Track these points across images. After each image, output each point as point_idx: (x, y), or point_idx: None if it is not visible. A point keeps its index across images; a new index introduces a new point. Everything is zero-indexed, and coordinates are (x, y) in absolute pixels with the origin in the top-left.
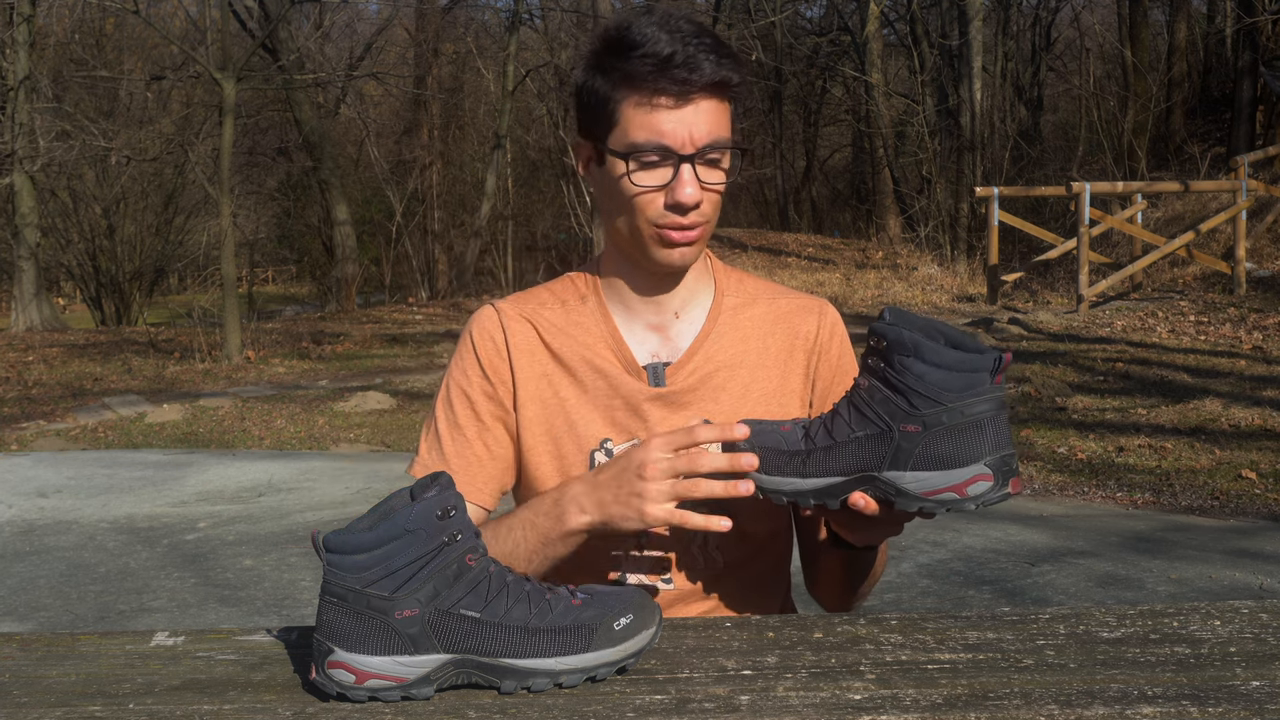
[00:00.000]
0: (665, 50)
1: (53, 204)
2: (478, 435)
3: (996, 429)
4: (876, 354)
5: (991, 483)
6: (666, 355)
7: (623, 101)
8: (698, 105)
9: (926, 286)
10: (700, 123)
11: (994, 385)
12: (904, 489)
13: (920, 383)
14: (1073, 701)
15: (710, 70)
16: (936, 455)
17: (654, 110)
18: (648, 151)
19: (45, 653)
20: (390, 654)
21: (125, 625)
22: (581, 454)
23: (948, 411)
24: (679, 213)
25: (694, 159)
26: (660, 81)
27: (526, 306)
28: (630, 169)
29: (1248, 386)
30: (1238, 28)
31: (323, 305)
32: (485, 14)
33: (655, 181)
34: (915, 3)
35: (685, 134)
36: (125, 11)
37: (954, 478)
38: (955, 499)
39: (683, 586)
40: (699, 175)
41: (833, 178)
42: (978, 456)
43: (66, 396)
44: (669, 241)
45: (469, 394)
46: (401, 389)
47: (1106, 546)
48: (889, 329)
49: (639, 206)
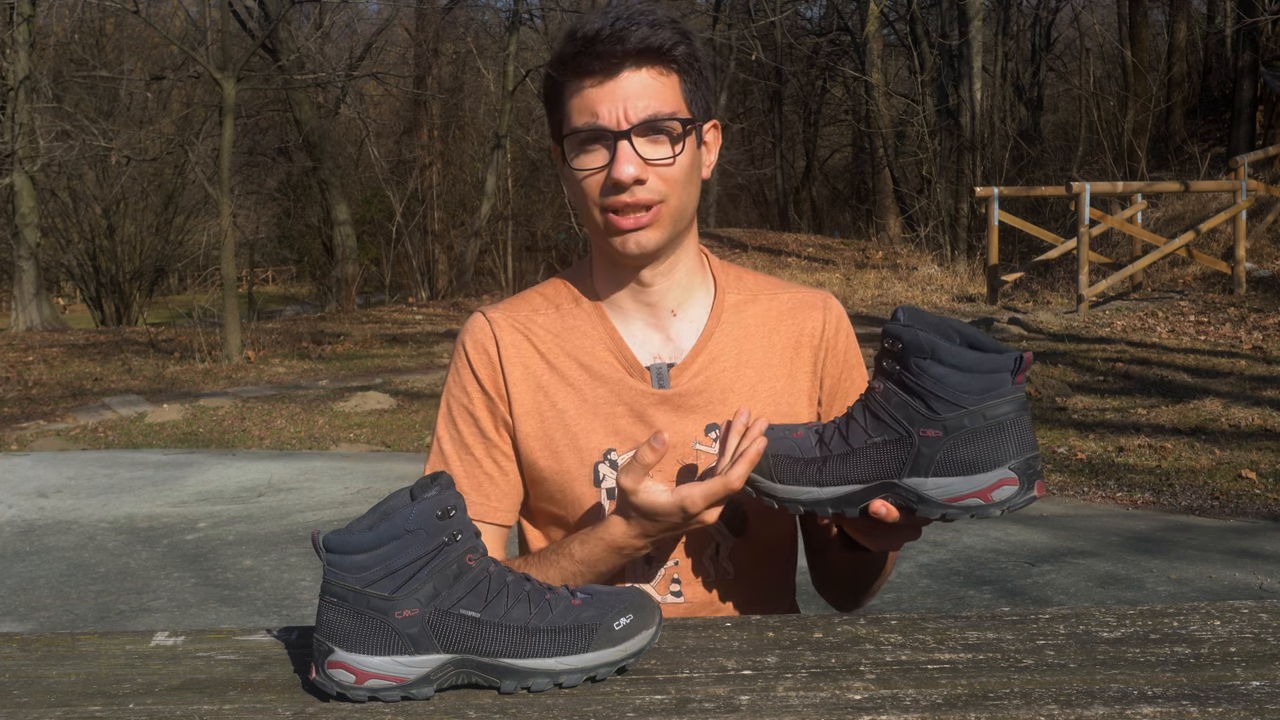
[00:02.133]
0: (593, 28)
1: (53, 204)
2: (486, 453)
3: (1020, 431)
4: (891, 356)
5: (1017, 487)
6: (669, 356)
7: (564, 89)
8: (628, 77)
9: (926, 286)
10: (633, 96)
11: (1015, 386)
12: (926, 496)
13: (939, 385)
14: (1073, 701)
15: (638, 38)
16: (959, 460)
17: (585, 90)
18: (583, 133)
19: (45, 653)
20: (390, 654)
21: (125, 625)
22: (585, 467)
23: (969, 415)
24: (618, 191)
25: (629, 134)
26: (585, 59)
27: (519, 314)
28: (571, 155)
29: (1248, 386)
30: (1238, 28)
31: (323, 305)
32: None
33: (596, 163)
34: (915, 3)
35: (619, 110)
36: (125, 11)
37: (978, 483)
38: (980, 505)
39: (694, 598)
40: (640, 151)
41: (833, 178)
42: (1001, 460)
43: (66, 396)
44: (617, 228)
45: (471, 410)
46: (402, 389)
47: (1106, 546)
48: (904, 330)
49: (586, 192)
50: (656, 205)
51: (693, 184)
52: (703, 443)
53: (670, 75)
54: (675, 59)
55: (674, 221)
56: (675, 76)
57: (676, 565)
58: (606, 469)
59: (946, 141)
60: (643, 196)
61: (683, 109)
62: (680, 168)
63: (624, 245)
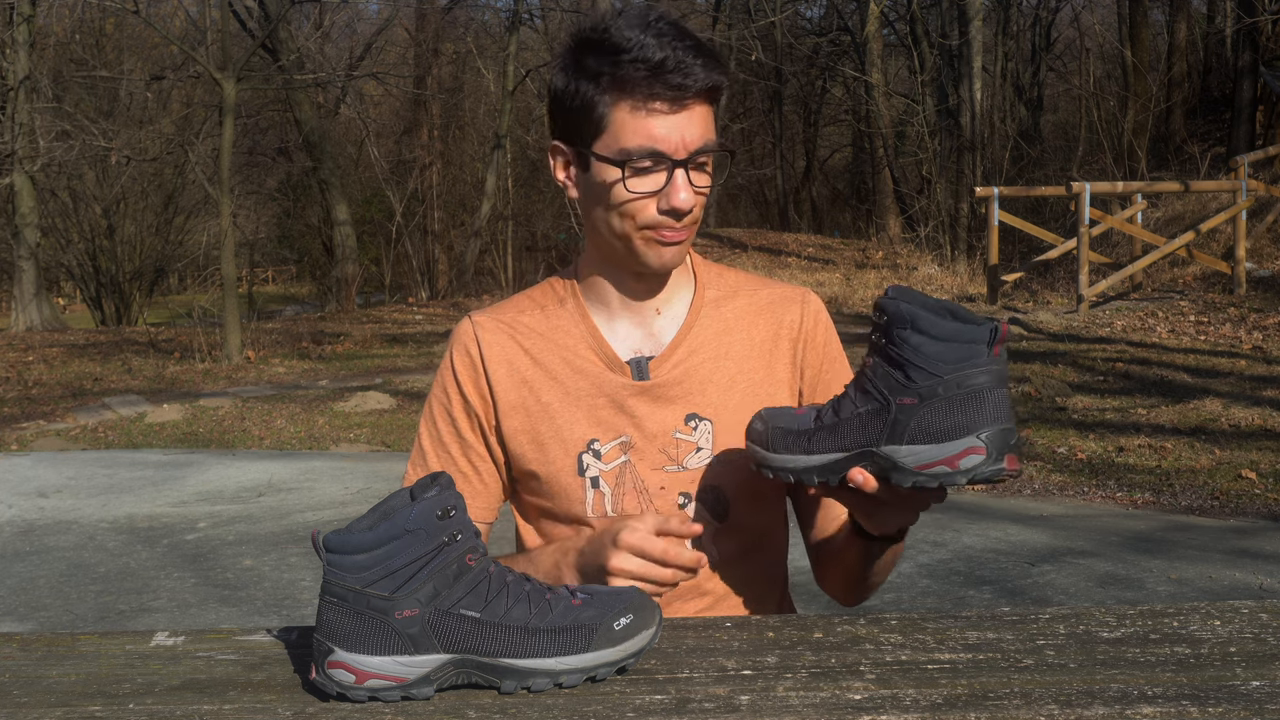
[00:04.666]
0: (656, 56)
1: (53, 204)
2: (461, 452)
3: (995, 402)
4: (879, 329)
5: (984, 456)
6: (649, 350)
7: (612, 106)
8: (691, 111)
9: (926, 286)
10: (693, 128)
11: (992, 357)
12: (899, 462)
13: (916, 354)
14: (1073, 701)
15: (703, 77)
16: (932, 428)
17: (649, 116)
18: (641, 157)
19: (45, 653)
20: (390, 654)
21: (125, 625)
22: (569, 458)
23: (943, 383)
24: (675, 218)
25: (687, 164)
26: (654, 87)
27: (505, 315)
28: (625, 175)
29: (1248, 386)
30: (1238, 28)
31: (323, 305)
32: (485, 14)
33: (649, 187)
34: (915, 3)
35: (679, 139)
36: (125, 11)
37: (946, 450)
38: (947, 472)
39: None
40: (692, 179)
41: (833, 178)
42: (972, 429)
43: (66, 396)
44: (661, 241)
45: (450, 411)
46: (401, 389)
47: (1106, 546)
48: (889, 303)
49: (631, 212)
50: (692, 227)
51: None
52: (683, 431)
53: (713, 107)
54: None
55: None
56: (714, 108)
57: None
58: (590, 459)
59: (946, 141)
60: (686, 220)
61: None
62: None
63: (660, 257)
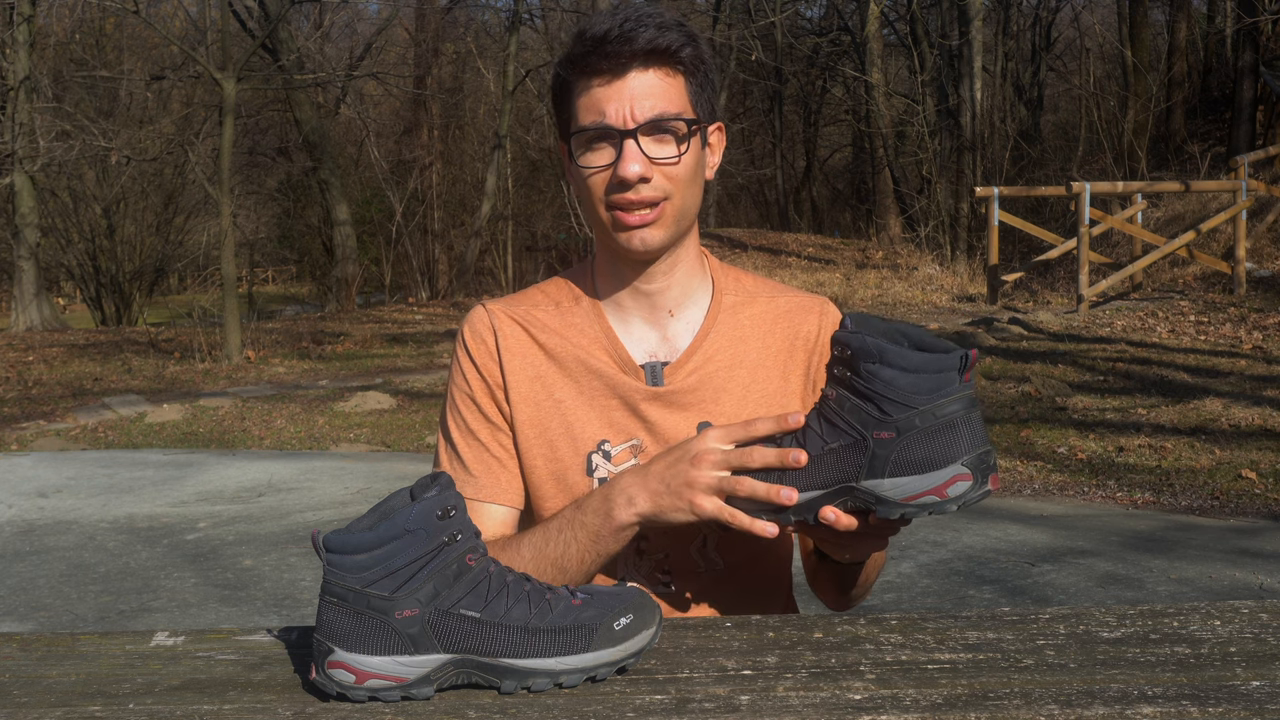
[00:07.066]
0: (601, 29)
1: (53, 204)
2: (491, 436)
3: (970, 427)
4: (841, 363)
5: (971, 482)
6: (664, 355)
7: (572, 89)
8: (635, 77)
9: (926, 286)
10: (640, 96)
11: (964, 384)
12: (883, 496)
13: (889, 388)
14: (1073, 701)
15: (646, 39)
16: (913, 460)
17: (592, 90)
18: (589, 131)
19: (45, 653)
20: (390, 654)
21: (125, 625)
22: (578, 456)
23: (920, 415)
24: (624, 189)
25: (635, 133)
26: (594, 59)
27: (519, 308)
28: (578, 152)
29: (1248, 386)
30: (1238, 28)
31: (323, 305)
32: (485, 14)
33: (602, 161)
34: (915, 3)
35: (625, 109)
36: (125, 11)
37: (932, 480)
38: (936, 501)
39: (684, 589)
40: (646, 150)
41: (833, 178)
42: (955, 457)
43: (66, 396)
44: (623, 225)
45: (474, 398)
46: (402, 389)
47: (1107, 546)
48: (851, 337)
49: (592, 189)
50: (661, 203)
51: (696, 184)
52: None
53: (676, 76)
54: (682, 60)
55: (678, 220)
56: (681, 78)
57: (667, 557)
58: (600, 459)
59: (946, 141)
60: (647, 194)
61: (688, 110)
62: (685, 167)
63: (629, 241)
